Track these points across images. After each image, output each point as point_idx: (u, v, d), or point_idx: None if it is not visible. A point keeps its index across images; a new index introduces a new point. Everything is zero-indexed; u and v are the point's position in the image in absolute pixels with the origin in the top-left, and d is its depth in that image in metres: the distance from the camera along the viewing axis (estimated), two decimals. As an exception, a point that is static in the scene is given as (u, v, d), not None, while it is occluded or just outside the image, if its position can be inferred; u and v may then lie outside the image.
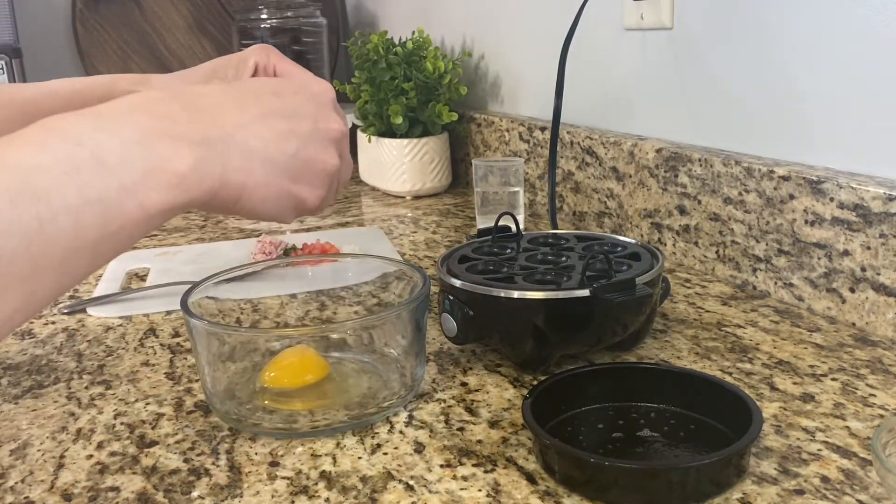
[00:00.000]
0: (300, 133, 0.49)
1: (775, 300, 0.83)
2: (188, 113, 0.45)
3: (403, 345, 0.64)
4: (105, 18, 1.80)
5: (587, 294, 0.64)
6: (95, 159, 0.40)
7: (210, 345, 0.61)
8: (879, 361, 0.68)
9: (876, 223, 0.71)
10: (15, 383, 0.71)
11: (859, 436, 0.56)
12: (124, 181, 0.41)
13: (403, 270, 0.71)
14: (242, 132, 0.46)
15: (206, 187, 0.44)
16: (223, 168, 0.45)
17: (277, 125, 0.48)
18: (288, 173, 0.48)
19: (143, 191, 0.41)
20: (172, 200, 0.43)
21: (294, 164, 0.49)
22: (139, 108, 0.43)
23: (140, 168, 0.41)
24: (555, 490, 0.51)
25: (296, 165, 0.49)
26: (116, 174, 0.40)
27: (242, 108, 0.47)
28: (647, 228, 1.00)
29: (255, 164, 0.46)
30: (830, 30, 0.78)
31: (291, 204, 0.50)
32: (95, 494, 0.53)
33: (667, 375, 0.62)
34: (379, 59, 1.35)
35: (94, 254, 0.40)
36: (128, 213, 0.41)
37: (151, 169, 0.42)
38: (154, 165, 0.42)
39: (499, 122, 1.33)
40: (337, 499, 0.52)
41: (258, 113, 0.48)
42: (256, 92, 0.50)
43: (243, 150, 0.46)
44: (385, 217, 1.27)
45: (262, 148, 0.47)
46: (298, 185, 0.49)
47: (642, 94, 1.04)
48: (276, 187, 0.48)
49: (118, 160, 0.41)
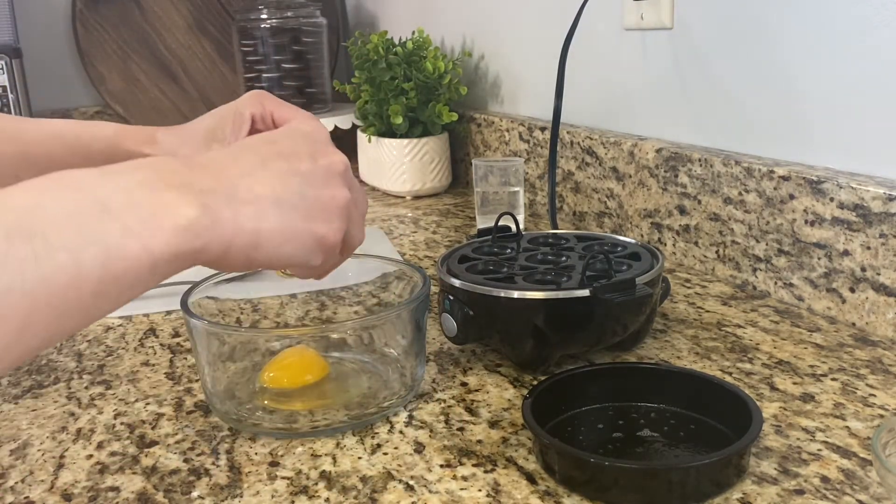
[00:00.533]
0: (302, 171, 0.49)
1: (775, 300, 0.83)
2: (190, 169, 0.45)
3: (403, 345, 0.64)
4: (105, 18, 1.80)
5: (587, 294, 0.64)
6: (97, 203, 0.39)
7: (210, 345, 0.61)
8: (879, 361, 0.68)
9: (876, 223, 0.71)
10: (15, 383, 0.71)
11: (859, 436, 0.56)
12: (127, 223, 0.39)
13: (403, 270, 0.71)
14: (247, 179, 0.46)
15: (218, 234, 0.43)
16: (234, 214, 0.44)
17: (278, 167, 0.48)
18: (299, 212, 0.48)
19: (148, 233, 0.40)
20: (180, 245, 0.41)
21: (303, 203, 0.48)
22: (143, 166, 0.43)
23: (145, 212, 0.40)
24: (555, 490, 0.51)
25: (305, 203, 0.48)
26: (119, 216, 0.39)
27: (241, 160, 0.47)
28: (647, 228, 1.00)
29: (265, 208, 0.46)
30: (830, 30, 0.78)
31: (312, 242, 0.49)
32: (95, 494, 0.53)
33: (667, 375, 0.62)
34: (379, 59, 1.35)
35: (96, 296, 0.39)
36: (132, 255, 0.39)
37: (156, 212, 0.41)
38: (159, 209, 0.41)
39: (499, 122, 1.33)
40: (337, 499, 0.52)
41: (257, 160, 0.47)
42: (251, 145, 0.50)
43: (250, 195, 0.46)
44: (385, 217, 1.27)
45: (269, 191, 0.46)
46: (313, 222, 0.49)
47: (642, 93, 1.04)
48: (292, 227, 0.47)
49: (121, 204, 0.40)
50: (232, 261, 0.46)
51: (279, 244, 0.47)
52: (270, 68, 1.65)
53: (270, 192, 0.46)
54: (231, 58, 1.80)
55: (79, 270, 0.37)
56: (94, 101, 1.86)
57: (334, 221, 0.50)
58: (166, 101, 1.83)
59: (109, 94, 1.81)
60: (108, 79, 1.81)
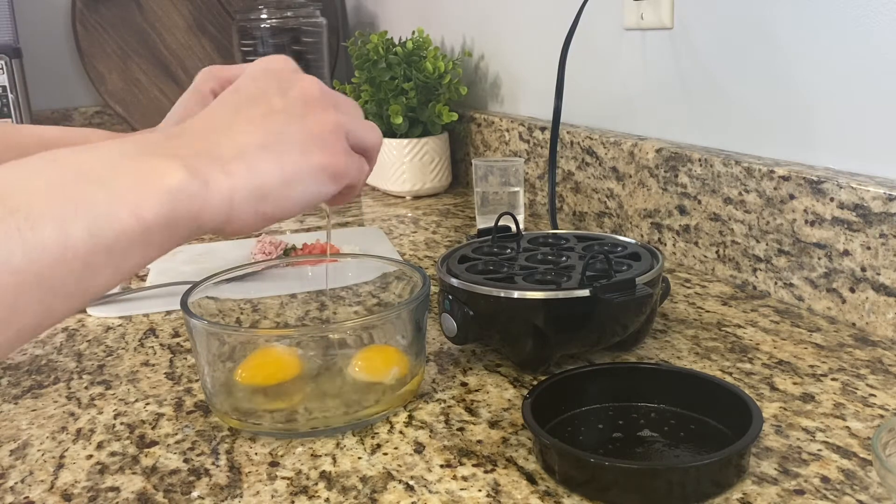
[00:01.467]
0: (277, 109, 0.46)
1: (775, 300, 0.83)
2: (169, 140, 0.43)
3: (403, 345, 0.64)
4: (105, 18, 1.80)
5: (587, 294, 0.64)
6: (81, 174, 0.38)
7: (210, 345, 0.61)
8: (879, 361, 0.68)
9: (876, 223, 0.71)
10: (15, 383, 0.71)
11: (859, 436, 0.56)
12: (114, 190, 0.38)
13: (403, 270, 0.71)
14: (226, 135, 0.44)
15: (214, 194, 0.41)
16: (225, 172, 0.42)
17: (251, 113, 0.45)
18: (292, 150, 0.45)
19: (136, 199, 0.38)
20: (173, 209, 0.39)
21: (292, 139, 0.45)
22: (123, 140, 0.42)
23: (130, 179, 0.39)
24: (555, 490, 0.51)
25: (294, 139, 0.45)
26: (105, 184, 0.38)
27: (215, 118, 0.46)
28: (647, 228, 1.00)
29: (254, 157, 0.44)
30: (830, 30, 0.78)
31: (319, 174, 0.46)
32: (95, 494, 0.53)
33: (667, 375, 0.62)
34: (379, 59, 1.35)
35: (88, 269, 0.37)
36: (121, 222, 0.37)
37: (143, 178, 0.39)
38: (145, 175, 0.39)
39: (499, 122, 1.33)
40: (337, 499, 0.52)
41: (230, 112, 0.46)
42: (218, 102, 0.47)
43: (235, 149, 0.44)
44: (385, 217, 1.27)
45: (252, 139, 0.44)
46: (310, 154, 0.46)
47: (642, 93, 1.04)
48: (291, 167, 0.45)
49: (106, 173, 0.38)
50: (242, 220, 0.43)
51: (284, 188, 0.44)
52: (270, 68, 1.65)
53: (253, 139, 0.44)
54: (231, 58, 1.80)
55: (67, 243, 0.36)
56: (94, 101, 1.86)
57: (331, 145, 0.47)
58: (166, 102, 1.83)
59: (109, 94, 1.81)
60: (108, 79, 1.81)
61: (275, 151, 0.44)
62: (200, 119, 0.46)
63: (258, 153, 0.44)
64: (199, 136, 0.44)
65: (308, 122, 0.46)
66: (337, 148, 0.47)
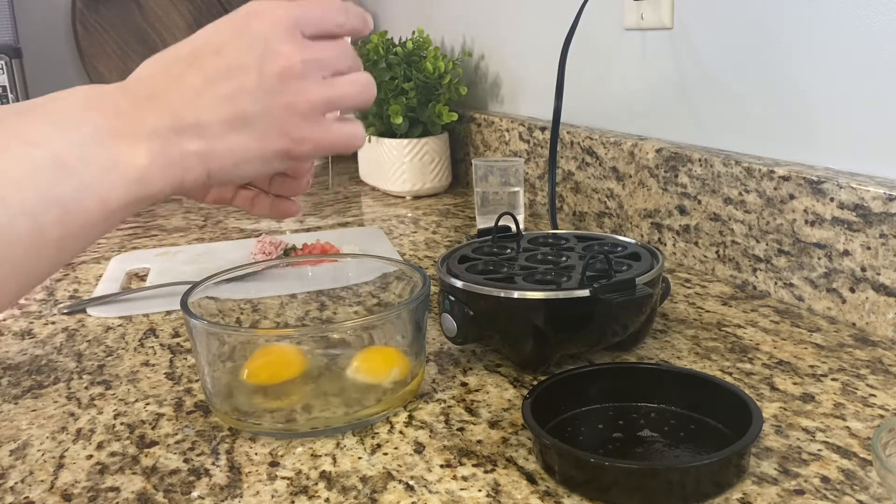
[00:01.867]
0: (249, 87, 0.46)
1: (775, 300, 0.83)
2: (136, 107, 0.44)
3: (403, 345, 0.64)
4: (105, 18, 1.80)
5: (587, 294, 0.64)
6: (54, 159, 0.40)
7: (210, 345, 0.61)
8: (879, 361, 0.68)
9: (876, 223, 0.71)
10: (15, 383, 0.71)
11: (859, 436, 0.56)
12: (83, 179, 0.41)
13: (403, 270, 0.71)
14: (190, 111, 0.45)
15: (167, 179, 0.44)
16: (181, 156, 0.44)
17: (222, 89, 0.46)
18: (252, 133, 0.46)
19: (103, 188, 0.42)
20: (134, 194, 0.43)
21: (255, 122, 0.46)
22: (91, 107, 0.43)
23: (98, 166, 0.42)
24: (555, 490, 0.51)
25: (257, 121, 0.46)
26: (75, 173, 0.41)
27: (183, 84, 0.46)
28: (647, 228, 1.00)
29: (214, 136, 0.45)
30: (830, 30, 0.78)
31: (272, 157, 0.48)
32: (95, 494, 0.53)
33: (667, 375, 0.62)
34: (379, 59, 1.35)
35: (57, 252, 0.41)
36: (89, 210, 0.41)
37: (110, 166, 0.42)
38: (112, 163, 0.42)
39: (499, 122, 1.33)
40: (337, 499, 0.52)
41: (200, 82, 0.45)
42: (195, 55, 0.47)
43: (196, 129, 0.45)
44: (385, 217, 1.27)
45: (215, 116, 0.45)
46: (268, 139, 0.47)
47: (642, 94, 1.04)
48: (244, 150, 0.46)
49: (76, 159, 0.41)
50: (187, 191, 0.47)
51: (233, 168, 0.47)
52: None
53: (216, 117, 0.45)
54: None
55: (40, 231, 0.39)
56: (94, 101, 1.86)
57: (295, 131, 0.47)
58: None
59: (109, 94, 1.81)
60: (108, 79, 1.81)
61: (233, 133, 0.46)
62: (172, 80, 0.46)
63: (218, 132, 0.46)
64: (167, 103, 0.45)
65: (276, 105, 0.47)
66: (301, 133, 0.48)
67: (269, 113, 0.46)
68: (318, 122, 0.48)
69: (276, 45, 0.46)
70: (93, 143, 0.42)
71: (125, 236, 1.21)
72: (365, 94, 0.51)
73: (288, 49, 0.47)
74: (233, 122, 0.46)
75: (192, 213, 1.36)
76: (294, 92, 0.47)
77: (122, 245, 1.16)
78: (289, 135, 0.47)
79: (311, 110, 0.48)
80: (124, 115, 0.43)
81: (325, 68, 0.48)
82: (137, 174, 0.43)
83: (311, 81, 0.48)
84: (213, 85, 0.46)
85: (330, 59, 0.49)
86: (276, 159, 0.48)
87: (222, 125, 0.46)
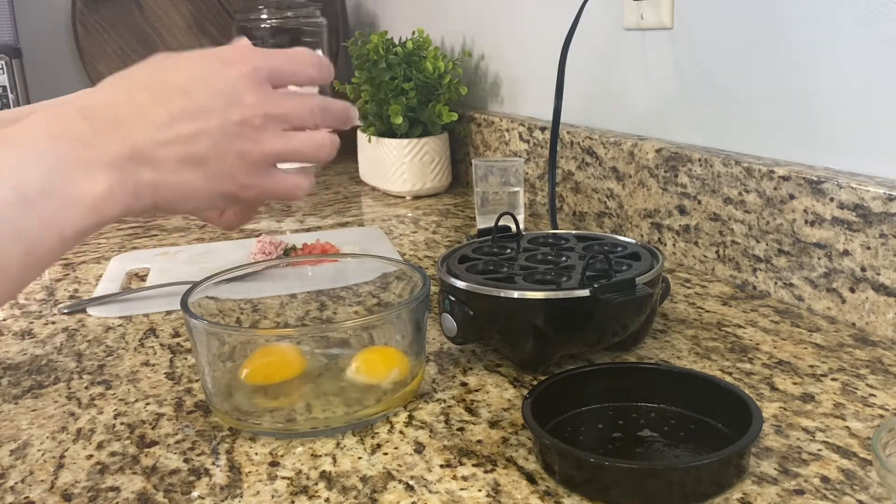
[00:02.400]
0: (210, 131, 0.48)
1: (775, 300, 0.83)
2: (96, 134, 0.45)
3: (403, 345, 0.64)
4: (105, 18, 1.80)
5: (587, 294, 0.64)
6: (18, 194, 0.42)
7: (210, 345, 0.61)
8: (879, 361, 0.68)
9: (876, 223, 0.71)
10: (15, 383, 0.71)
11: (859, 436, 0.56)
12: (44, 214, 0.43)
13: (403, 270, 0.71)
14: (151, 148, 0.47)
15: (119, 207, 0.46)
16: (135, 185, 0.46)
17: (185, 129, 0.47)
18: (204, 172, 0.48)
19: (62, 220, 0.43)
20: (89, 222, 0.45)
21: (209, 162, 0.48)
22: (54, 136, 0.45)
23: (59, 199, 0.43)
24: (555, 490, 0.51)
25: (211, 163, 0.48)
26: (37, 207, 0.42)
27: (147, 117, 0.47)
28: (647, 228, 1.00)
29: (164, 174, 0.47)
30: (830, 30, 0.78)
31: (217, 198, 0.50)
32: (95, 494, 0.53)
33: (667, 375, 0.62)
34: (379, 59, 1.35)
35: (16, 282, 0.43)
36: (48, 242, 0.43)
37: (70, 198, 0.44)
38: (72, 195, 0.44)
39: (499, 122, 1.33)
40: (337, 499, 0.52)
41: (165, 120, 0.47)
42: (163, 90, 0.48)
43: (153, 163, 0.47)
44: (385, 217, 1.27)
45: (172, 156, 0.47)
46: (216, 181, 0.49)
47: (642, 94, 1.04)
48: (192, 189, 0.48)
49: (39, 193, 0.42)
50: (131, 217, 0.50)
51: (179, 201, 0.49)
52: (270, 68, 1.65)
53: (174, 154, 0.47)
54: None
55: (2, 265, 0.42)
56: (94, 101, 1.86)
57: (243, 177, 0.50)
58: (166, 101, 1.83)
59: (109, 94, 1.81)
60: (108, 79, 1.81)
61: (185, 171, 0.48)
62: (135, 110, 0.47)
63: (173, 168, 0.47)
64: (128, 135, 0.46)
65: (233, 149, 0.49)
66: (250, 178, 0.50)
67: (223, 157, 0.49)
68: (266, 172, 0.51)
69: (242, 95, 0.49)
70: (56, 173, 0.43)
71: (125, 236, 1.21)
72: (322, 153, 0.53)
73: (253, 100, 0.49)
74: (189, 160, 0.48)
75: (192, 213, 1.36)
76: (251, 141, 0.49)
77: (122, 245, 1.16)
78: (237, 180, 0.50)
79: (263, 160, 0.50)
80: (87, 144, 0.45)
81: (285, 122, 0.51)
82: (94, 203, 0.44)
83: (268, 134, 0.50)
84: (177, 123, 0.47)
85: (293, 114, 0.51)
86: (220, 199, 0.50)
87: (178, 162, 0.47)
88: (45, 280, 1.01)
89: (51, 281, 1.00)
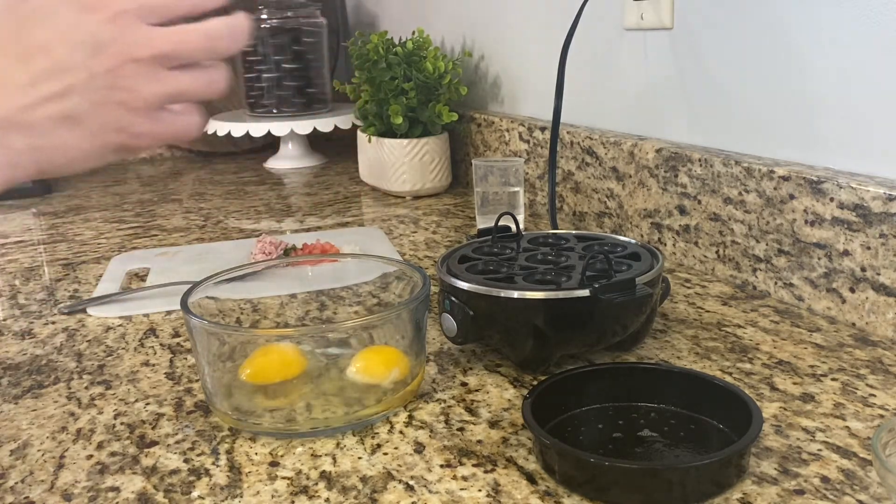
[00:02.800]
0: (77, 87, 0.46)
1: (775, 300, 0.83)
2: None
3: (403, 345, 0.64)
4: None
5: (587, 294, 0.64)
6: None
7: (210, 345, 0.61)
8: (879, 361, 0.68)
9: (876, 223, 0.71)
10: (15, 383, 0.71)
11: (859, 436, 0.56)
12: None
13: (403, 270, 0.71)
14: (17, 113, 0.45)
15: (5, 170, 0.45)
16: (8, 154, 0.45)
17: (49, 88, 0.45)
18: (83, 129, 0.46)
19: None
20: None
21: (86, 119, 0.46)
22: None
23: None
24: (555, 490, 0.51)
25: (89, 119, 0.46)
26: None
27: (10, 82, 0.45)
28: (647, 228, 1.00)
29: (39, 138, 0.45)
30: (830, 30, 0.78)
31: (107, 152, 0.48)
32: (95, 494, 0.53)
33: (667, 375, 0.62)
34: (379, 59, 1.35)
35: None
36: None
37: None
38: None
39: (499, 122, 1.33)
40: (337, 499, 0.52)
41: (26, 82, 0.45)
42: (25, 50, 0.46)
43: (23, 128, 0.45)
44: (385, 217, 1.27)
45: (42, 118, 0.45)
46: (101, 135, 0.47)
47: (642, 94, 1.04)
48: (75, 147, 0.47)
49: None
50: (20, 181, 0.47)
51: (67, 163, 0.47)
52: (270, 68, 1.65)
53: (44, 116, 0.45)
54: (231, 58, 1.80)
55: None
56: (94, 101, 1.86)
57: (131, 126, 0.47)
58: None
59: (109, 94, 1.81)
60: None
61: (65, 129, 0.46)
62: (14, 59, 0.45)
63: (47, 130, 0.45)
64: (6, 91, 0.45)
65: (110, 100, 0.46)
66: (138, 126, 0.48)
67: (100, 111, 0.46)
68: (154, 117, 0.48)
69: (105, 44, 0.45)
70: None
71: (125, 236, 1.21)
72: (212, 88, 0.50)
73: (117, 47, 0.46)
74: (63, 119, 0.46)
75: (192, 213, 1.36)
76: (125, 90, 0.47)
77: (122, 245, 1.16)
78: (125, 130, 0.47)
79: (146, 107, 0.48)
80: None
81: (165, 61, 0.47)
82: None
83: (144, 78, 0.47)
84: (40, 84, 0.45)
85: (172, 52, 0.48)
86: (112, 153, 0.48)
87: (51, 123, 0.45)
88: (45, 280, 1.01)
89: (51, 281, 1.00)
